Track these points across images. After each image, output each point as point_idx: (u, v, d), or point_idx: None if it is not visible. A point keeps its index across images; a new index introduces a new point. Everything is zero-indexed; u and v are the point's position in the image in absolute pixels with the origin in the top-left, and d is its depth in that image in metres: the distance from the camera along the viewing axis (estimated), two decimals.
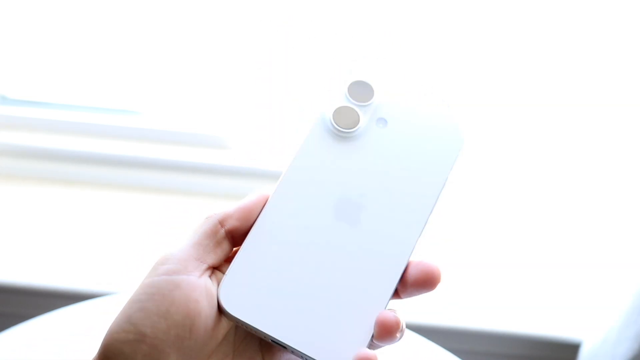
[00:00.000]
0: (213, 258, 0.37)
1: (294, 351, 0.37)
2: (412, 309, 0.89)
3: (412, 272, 0.38)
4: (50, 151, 1.01)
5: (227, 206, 0.38)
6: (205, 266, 0.36)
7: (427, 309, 0.89)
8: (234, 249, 0.39)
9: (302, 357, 0.37)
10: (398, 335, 0.36)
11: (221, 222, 0.37)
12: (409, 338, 0.63)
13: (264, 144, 1.03)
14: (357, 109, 0.41)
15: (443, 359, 0.62)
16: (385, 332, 0.36)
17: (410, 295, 0.39)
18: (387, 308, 0.38)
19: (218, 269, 0.38)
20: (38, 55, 1.03)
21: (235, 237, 0.38)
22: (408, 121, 0.42)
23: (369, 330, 0.37)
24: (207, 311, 0.35)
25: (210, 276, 0.37)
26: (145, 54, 1.01)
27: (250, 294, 0.37)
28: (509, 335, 0.89)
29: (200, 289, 0.35)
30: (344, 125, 0.41)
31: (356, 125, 0.41)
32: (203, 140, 1.03)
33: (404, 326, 0.37)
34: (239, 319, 0.36)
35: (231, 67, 1.00)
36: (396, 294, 0.38)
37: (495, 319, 0.90)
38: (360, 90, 0.42)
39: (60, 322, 0.63)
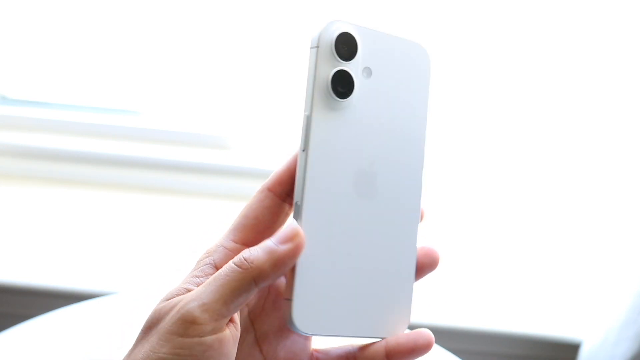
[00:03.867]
0: (239, 311, 0.36)
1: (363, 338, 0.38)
2: (412, 309, 0.89)
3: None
4: (50, 151, 1.01)
5: (260, 255, 0.35)
6: (230, 318, 0.36)
7: (427, 309, 0.89)
8: None
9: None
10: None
11: (255, 281, 0.35)
12: None
13: (264, 144, 1.03)
14: (349, 70, 0.37)
15: (443, 359, 0.62)
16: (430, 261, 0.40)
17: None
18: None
19: None
20: (38, 55, 1.03)
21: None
22: (386, 62, 0.39)
23: (409, 295, 0.40)
24: (234, 354, 0.36)
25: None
26: (145, 54, 1.01)
27: (318, 310, 0.37)
28: (509, 335, 0.89)
29: (229, 340, 0.35)
30: (343, 94, 0.37)
31: (353, 90, 0.38)
32: (203, 140, 1.03)
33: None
34: (318, 335, 0.37)
35: (231, 67, 1.00)
36: None
37: (495, 319, 0.90)
38: (347, 46, 0.38)
39: (60, 322, 0.63)
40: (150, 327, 0.36)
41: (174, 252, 0.91)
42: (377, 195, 0.38)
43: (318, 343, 0.40)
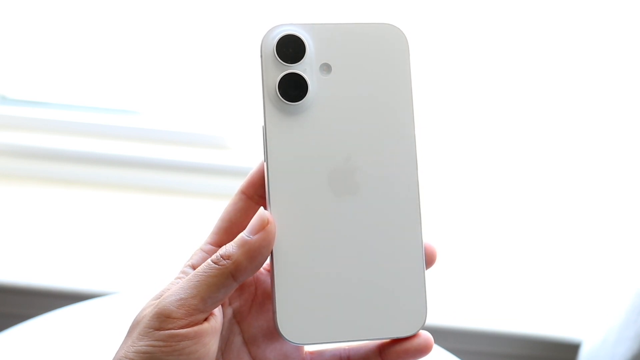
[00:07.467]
0: (218, 306, 0.37)
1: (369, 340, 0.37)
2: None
3: None
4: (50, 151, 1.01)
5: (235, 250, 0.35)
6: (209, 313, 0.36)
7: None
8: None
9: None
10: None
11: (234, 276, 0.35)
12: None
13: None
14: (298, 71, 0.37)
15: (443, 359, 0.62)
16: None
17: None
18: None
19: None
20: (38, 55, 1.03)
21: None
22: (348, 54, 0.37)
23: (421, 287, 0.38)
24: (215, 346, 0.36)
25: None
26: (145, 54, 1.01)
27: (307, 316, 0.36)
28: (509, 335, 0.89)
29: (207, 332, 0.35)
30: (296, 97, 0.37)
31: (307, 91, 0.37)
32: (203, 140, 1.03)
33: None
34: (312, 343, 0.36)
35: (231, 67, 1.00)
36: None
37: (495, 319, 0.90)
38: (293, 48, 0.37)
39: (60, 322, 0.63)
40: (133, 326, 0.36)
41: (173, 252, 0.91)
42: (361, 190, 0.37)
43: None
